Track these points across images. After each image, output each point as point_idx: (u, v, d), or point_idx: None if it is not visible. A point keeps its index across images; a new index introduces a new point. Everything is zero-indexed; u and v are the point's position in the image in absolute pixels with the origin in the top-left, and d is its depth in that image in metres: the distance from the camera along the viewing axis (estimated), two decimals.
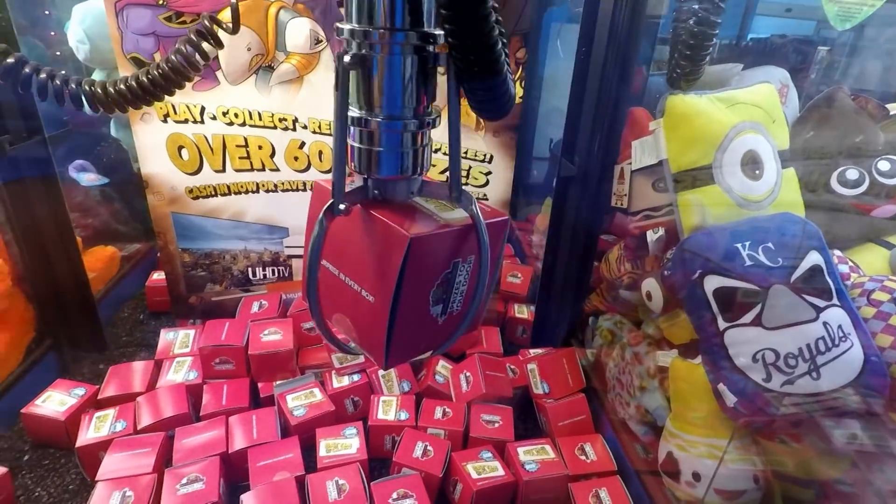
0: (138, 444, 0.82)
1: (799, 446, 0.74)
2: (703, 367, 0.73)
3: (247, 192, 1.01)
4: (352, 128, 0.41)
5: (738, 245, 0.71)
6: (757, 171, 0.82)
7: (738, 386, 0.66)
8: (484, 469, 0.82)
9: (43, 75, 0.65)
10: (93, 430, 0.85)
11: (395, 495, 0.76)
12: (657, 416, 0.84)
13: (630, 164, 0.93)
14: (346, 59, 0.38)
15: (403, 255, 0.40)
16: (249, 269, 1.08)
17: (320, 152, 0.99)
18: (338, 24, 0.40)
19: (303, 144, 0.99)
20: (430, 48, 0.39)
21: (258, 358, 0.95)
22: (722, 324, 0.69)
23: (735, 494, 0.70)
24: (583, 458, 0.86)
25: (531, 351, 1.10)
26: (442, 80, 0.41)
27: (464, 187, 1.09)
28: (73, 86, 0.66)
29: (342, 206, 0.41)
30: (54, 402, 0.90)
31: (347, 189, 0.42)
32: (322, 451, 0.83)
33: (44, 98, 0.66)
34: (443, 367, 1.02)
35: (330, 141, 0.43)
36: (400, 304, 0.42)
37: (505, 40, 0.42)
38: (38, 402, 0.90)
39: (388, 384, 0.98)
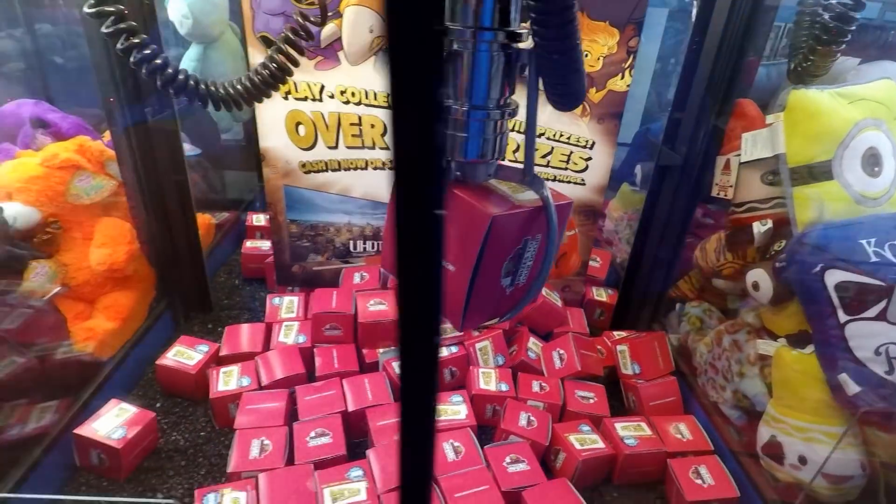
0: (266, 398, 0.89)
1: (890, 436, 0.76)
2: (815, 356, 0.75)
3: (356, 168, 1.06)
4: None
5: (863, 241, 0.73)
6: (876, 169, 0.82)
7: (860, 377, 0.68)
8: (585, 441, 0.86)
9: (171, 70, 0.70)
10: (223, 384, 0.92)
11: (508, 459, 0.81)
12: (756, 401, 0.87)
13: (737, 155, 0.95)
14: None
15: (485, 231, 0.44)
16: (351, 242, 1.14)
17: None
18: None
19: None
20: (514, 45, 0.43)
21: (366, 326, 1.01)
22: (843, 317, 0.71)
23: (842, 479, 0.73)
24: (678, 436, 0.90)
25: (616, 333, 1.14)
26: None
27: (563, 171, 1.10)
28: (192, 83, 0.70)
29: None
30: (183, 356, 0.98)
31: None
32: None
33: (166, 90, 0.70)
34: (534, 344, 1.07)
35: None
36: (478, 275, 0.46)
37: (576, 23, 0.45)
38: (168, 355, 0.98)
39: (485, 357, 1.03)
